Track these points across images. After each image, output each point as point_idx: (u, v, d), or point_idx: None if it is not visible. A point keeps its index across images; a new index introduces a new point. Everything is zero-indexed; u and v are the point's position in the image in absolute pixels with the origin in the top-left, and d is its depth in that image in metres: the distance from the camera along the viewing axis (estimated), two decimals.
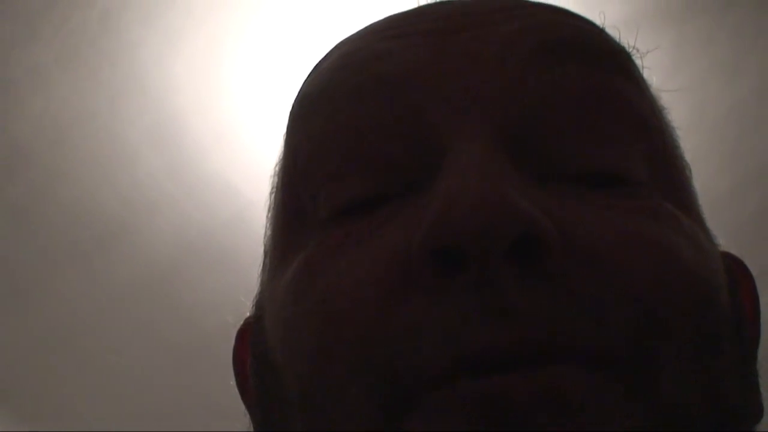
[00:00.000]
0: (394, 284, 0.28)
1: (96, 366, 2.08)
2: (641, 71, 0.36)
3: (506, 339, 0.25)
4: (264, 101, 1.64)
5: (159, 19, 1.55)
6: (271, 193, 0.39)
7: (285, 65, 1.59)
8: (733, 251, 0.39)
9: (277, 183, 0.38)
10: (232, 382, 0.41)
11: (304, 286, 0.31)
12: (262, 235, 0.41)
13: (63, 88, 1.64)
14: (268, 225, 0.38)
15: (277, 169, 0.38)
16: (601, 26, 0.36)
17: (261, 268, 0.39)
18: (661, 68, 1.65)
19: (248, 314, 0.40)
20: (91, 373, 2.10)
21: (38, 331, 2.02)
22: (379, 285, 0.28)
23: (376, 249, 0.29)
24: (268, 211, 0.39)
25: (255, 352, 0.36)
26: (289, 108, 0.38)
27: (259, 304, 0.37)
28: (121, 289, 1.95)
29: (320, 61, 0.37)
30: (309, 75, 0.37)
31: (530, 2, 0.36)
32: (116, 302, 1.97)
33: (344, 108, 0.33)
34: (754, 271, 0.39)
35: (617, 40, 0.36)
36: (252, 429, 0.38)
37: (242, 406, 0.40)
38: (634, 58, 0.36)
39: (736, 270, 0.37)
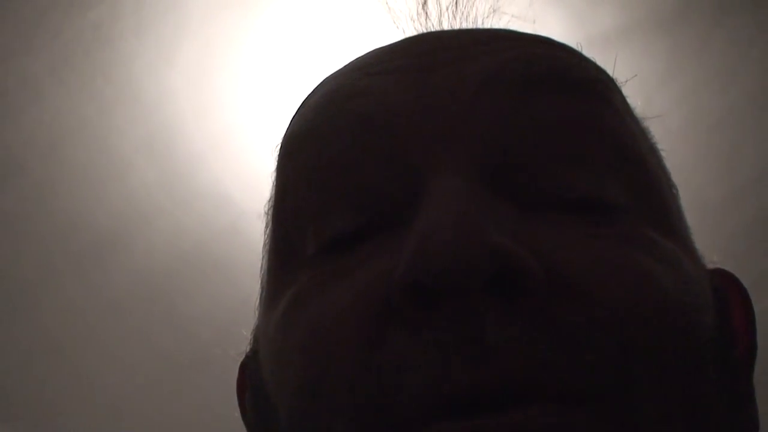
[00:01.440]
0: (374, 321, 0.28)
1: (90, 376, 2.07)
2: (623, 96, 0.36)
3: (484, 380, 0.25)
4: (257, 111, 1.64)
5: (152, 29, 1.55)
6: (264, 231, 0.40)
7: (278, 75, 1.59)
8: (729, 259, 0.39)
9: (269, 220, 0.39)
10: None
11: (291, 322, 0.31)
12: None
13: (56, 99, 1.64)
14: (263, 259, 0.39)
15: (268, 206, 0.39)
16: (580, 51, 0.37)
17: (258, 301, 0.39)
18: (656, 75, 1.66)
19: (251, 326, 0.41)
20: (84, 384, 2.09)
21: (32, 341, 2.01)
22: (359, 322, 0.28)
23: (358, 284, 0.29)
24: (263, 246, 0.40)
25: (252, 384, 0.36)
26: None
27: (256, 337, 0.38)
28: (114, 300, 1.94)
29: (306, 99, 0.38)
30: (295, 112, 0.38)
31: (510, 33, 0.36)
32: (110, 312, 1.96)
33: (329, 146, 0.33)
34: (750, 277, 0.39)
35: (597, 66, 0.36)
36: None
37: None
38: (617, 83, 0.36)
39: (726, 286, 0.37)
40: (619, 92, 0.36)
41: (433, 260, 0.26)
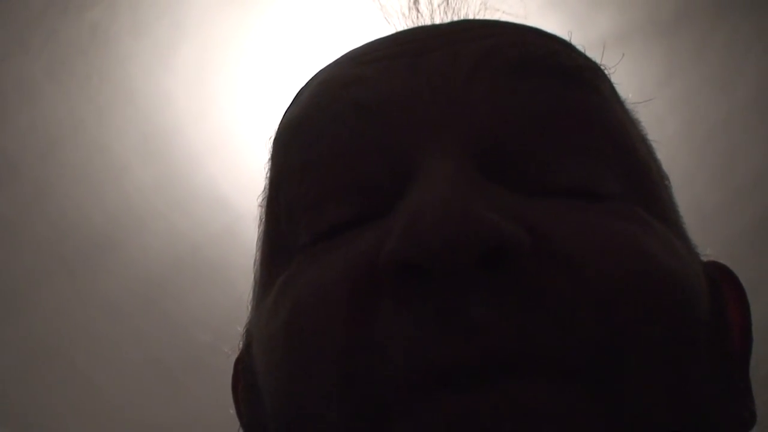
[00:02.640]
0: (360, 297, 0.28)
1: (83, 379, 2.07)
2: (612, 86, 0.36)
3: (468, 354, 0.25)
4: (254, 114, 1.64)
5: (149, 31, 1.55)
6: (258, 225, 0.40)
7: (275, 77, 1.59)
8: (727, 263, 0.39)
9: (263, 213, 0.38)
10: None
11: (279, 303, 0.31)
12: (252, 249, 0.41)
13: (52, 100, 1.63)
14: (257, 254, 0.39)
15: (262, 199, 0.39)
16: (569, 42, 0.37)
17: (251, 296, 0.39)
18: (653, 79, 1.65)
19: (240, 336, 0.40)
20: (78, 387, 2.09)
21: (25, 344, 2.00)
22: (344, 298, 0.28)
23: (343, 260, 0.29)
24: (257, 240, 0.40)
25: (245, 378, 0.36)
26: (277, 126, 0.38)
27: (249, 331, 0.38)
28: (109, 303, 1.94)
29: (300, 90, 0.38)
30: (290, 104, 0.38)
31: (501, 22, 0.37)
32: (104, 316, 1.96)
33: (323, 135, 0.33)
34: (747, 283, 0.39)
35: (585, 55, 0.37)
36: None
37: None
38: (606, 73, 0.36)
39: (721, 278, 0.37)
40: (608, 81, 0.36)
41: (424, 238, 0.26)
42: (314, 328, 0.28)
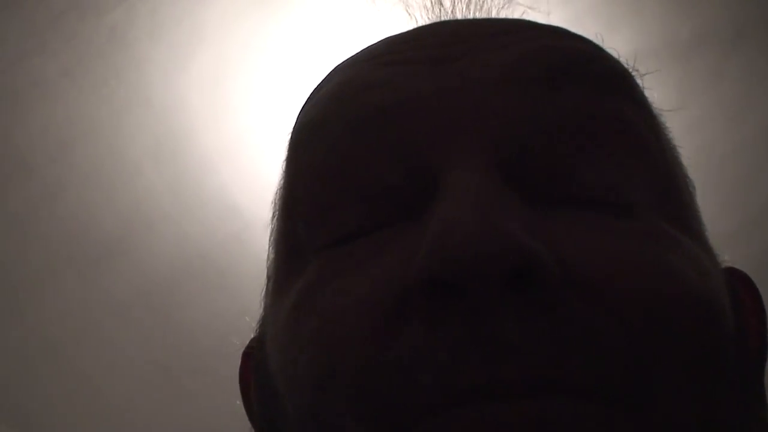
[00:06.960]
0: (390, 313, 0.28)
1: (87, 381, 2.07)
2: (641, 90, 0.36)
3: (499, 375, 0.25)
4: (267, 120, 1.64)
5: (166, 35, 1.56)
6: (272, 218, 0.39)
7: (290, 84, 1.59)
8: None
9: (277, 209, 0.38)
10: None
11: (302, 313, 0.31)
12: (260, 256, 0.41)
13: (67, 101, 1.64)
14: (270, 249, 0.38)
15: (277, 194, 0.39)
16: (599, 45, 0.36)
17: (264, 291, 0.39)
18: (667, 104, 1.65)
19: (251, 336, 0.40)
20: (82, 388, 2.09)
21: (33, 344, 2.01)
22: (373, 314, 0.28)
23: (372, 276, 0.29)
24: (270, 235, 0.39)
25: (258, 376, 0.36)
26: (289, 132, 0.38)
27: (262, 329, 0.37)
28: (115, 305, 1.94)
29: (317, 88, 0.38)
30: (307, 102, 0.38)
31: (528, 24, 0.36)
32: (112, 318, 1.96)
33: (342, 138, 0.33)
34: None
35: (617, 59, 0.36)
36: None
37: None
38: (635, 78, 0.36)
39: (740, 285, 0.36)
40: (638, 86, 0.36)
41: (454, 255, 0.25)
42: (341, 346, 0.28)
